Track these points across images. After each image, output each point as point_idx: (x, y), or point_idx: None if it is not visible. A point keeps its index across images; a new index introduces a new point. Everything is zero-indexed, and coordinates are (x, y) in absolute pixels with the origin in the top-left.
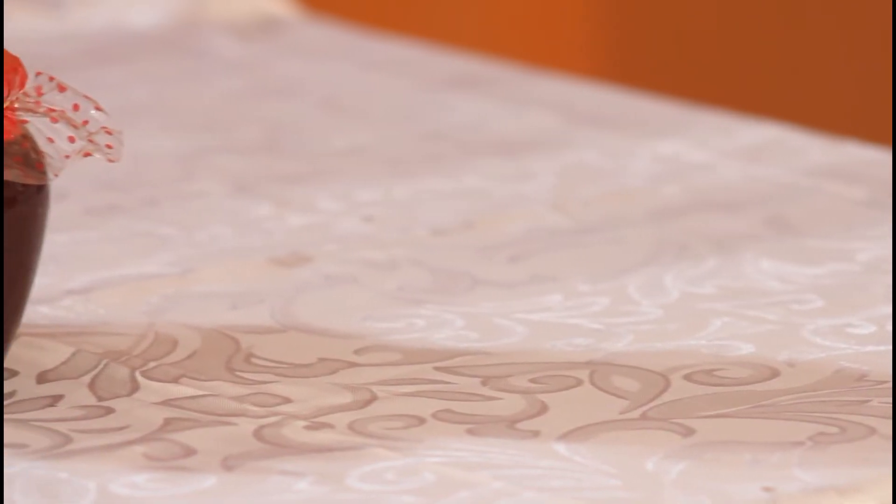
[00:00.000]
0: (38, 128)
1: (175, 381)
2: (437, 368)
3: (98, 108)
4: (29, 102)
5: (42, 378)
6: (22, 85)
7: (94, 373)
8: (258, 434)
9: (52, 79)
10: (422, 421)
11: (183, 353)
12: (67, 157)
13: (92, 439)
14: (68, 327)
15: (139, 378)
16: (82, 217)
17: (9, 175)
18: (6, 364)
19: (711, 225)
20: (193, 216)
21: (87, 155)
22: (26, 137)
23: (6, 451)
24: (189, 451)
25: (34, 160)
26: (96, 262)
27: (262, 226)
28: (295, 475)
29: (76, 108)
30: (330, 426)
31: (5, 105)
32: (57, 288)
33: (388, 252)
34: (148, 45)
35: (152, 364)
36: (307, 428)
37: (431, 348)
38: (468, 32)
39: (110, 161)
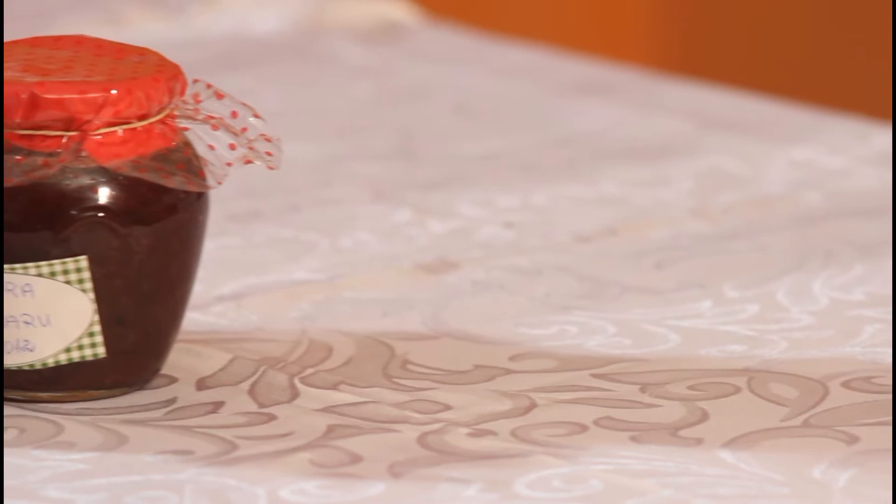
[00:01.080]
0: (199, 135)
1: (334, 387)
2: (593, 375)
3: (256, 115)
4: (188, 110)
5: (202, 384)
6: (182, 92)
7: (252, 379)
8: (422, 441)
9: (209, 86)
10: (584, 428)
11: (339, 359)
12: (229, 164)
13: (257, 446)
14: (222, 333)
15: (298, 385)
16: (225, 223)
17: (172, 182)
18: (165, 370)
19: (854, 231)
20: (335, 222)
21: (248, 162)
22: (187, 145)
23: (173, 458)
24: (355, 458)
25: (196, 167)
26: (244, 269)
27: (403, 232)
28: (463, 482)
29: (234, 115)
30: (493, 433)
31: (167, 112)
32: (207, 294)
33: (533, 258)
34: (271, 50)
35: (310, 371)
36: (470, 435)
37: (586, 355)
38: (535, 22)
39: (270, 168)
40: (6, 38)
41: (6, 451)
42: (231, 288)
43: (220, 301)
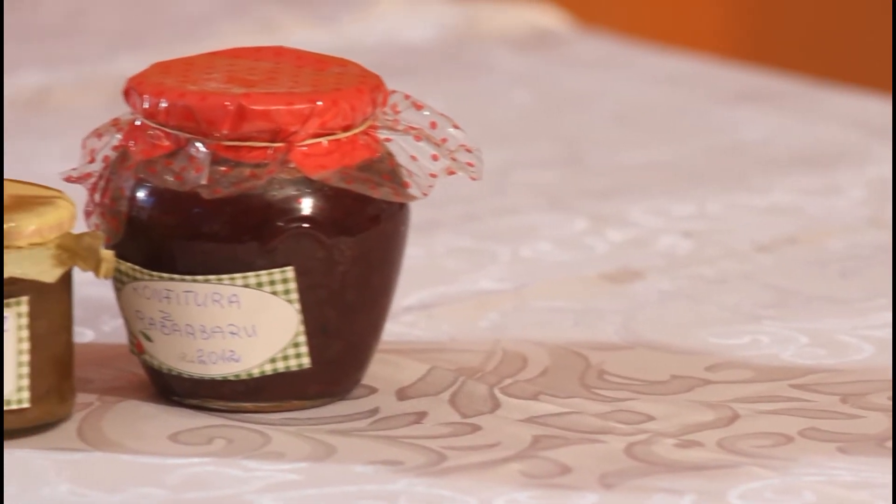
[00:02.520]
0: (401, 146)
1: (534, 397)
2: (792, 386)
3: (455, 126)
4: (388, 120)
5: (402, 395)
6: (385, 103)
7: (452, 389)
8: (629, 452)
9: (407, 97)
10: (789, 439)
11: (535, 370)
12: (433, 175)
13: (465, 456)
14: (416, 343)
15: (498, 395)
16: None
17: (379, 193)
18: (364, 380)
19: None
20: (513, 231)
21: (452, 173)
22: (390, 156)
23: (383, 468)
24: (565, 469)
25: (401, 178)
26: (429, 278)
27: (582, 241)
28: (676, 493)
29: (433, 125)
30: (699, 444)
31: (370, 123)
32: (395, 304)
33: (716, 267)
34: (425, 59)
35: (508, 381)
36: (677, 446)
37: (782, 365)
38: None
39: (472, 179)
40: (166, 48)
41: (215, 460)
42: (418, 298)
43: (409, 311)
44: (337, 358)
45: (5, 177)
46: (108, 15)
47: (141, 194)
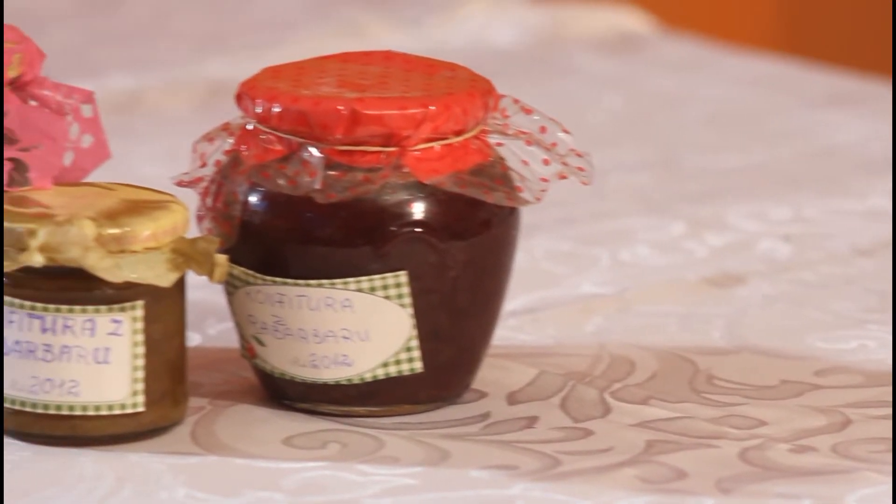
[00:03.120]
0: (512, 150)
1: (644, 402)
2: None
3: (565, 131)
4: (498, 125)
5: (512, 399)
6: (495, 107)
7: (562, 394)
8: (743, 457)
9: (516, 101)
10: None
11: (643, 374)
12: (544, 180)
13: (580, 461)
14: (523, 348)
15: (609, 399)
16: None
17: (492, 198)
18: (474, 385)
19: None
20: (611, 235)
21: (563, 178)
22: (502, 160)
23: (499, 473)
24: (680, 474)
25: (513, 183)
26: (531, 282)
27: (681, 245)
28: (793, 498)
29: (543, 130)
30: (813, 449)
31: (481, 128)
32: None
33: (817, 272)
34: (511, 61)
35: (617, 385)
36: (791, 451)
37: (890, 370)
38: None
39: (583, 184)
40: (252, 51)
41: (330, 464)
42: (522, 302)
43: (514, 315)
44: (448, 362)
45: (118, 181)
46: (191, 17)
47: (254, 199)
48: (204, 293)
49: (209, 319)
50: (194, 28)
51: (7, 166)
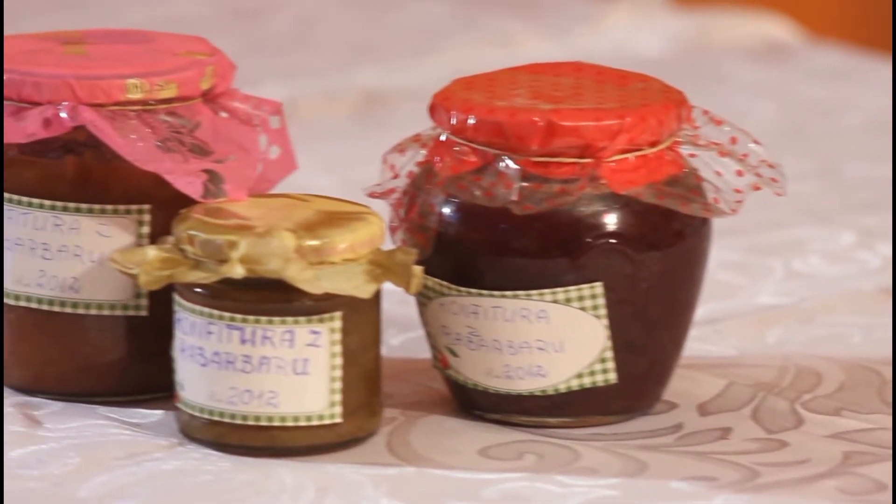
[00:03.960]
0: (705, 161)
1: (836, 413)
2: None
3: (755, 142)
4: (690, 136)
5: (703, 410)
6: (688, 118)
7: (753, 405)
8: None
9: (706, 112)
10: None
11: (831, 385)
12: (738, 191)
13: (778, 473)
14: (708, 359)
15: (800, 410)
16: None
17: (689, 209)
18: (664, 396)
19: None
20: (781, 245)
21: (757, 189)
22: (695, 171)
23: (699, 484)
24: (881, 486)
25: (707, 194)
26: (707, 292)
27: (853, 255)
28: None
29: (734, 140)
30: None
31: (674, 139)
32: None
33: None
34: (659, 70)
35: (806, 396)
36: None
37: None
38: None
39: (777, 195)
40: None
41: (528, 475)
42: (702, 312)
43: (695, 325)
44: (641, 374)
45: (305, 193)
46: (337, 26)
47: (448, 210)
48: (384, 304)
49: (391, 330)
50: (342, 37)
51: (202, 177)
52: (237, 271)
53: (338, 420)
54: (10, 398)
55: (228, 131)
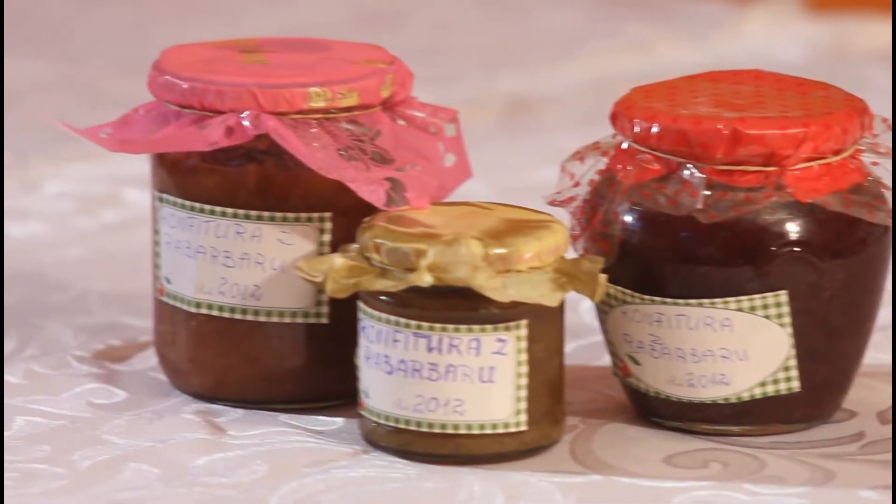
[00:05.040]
0: (887, 169)
1: None
2: None
3: None
4: (870, 143)
5: (884, 418)
6: (870, 126)
7: None
8: None
9: (884, 120)
10: None
11: None
12: None
13: None
14: (882, 367)
15: None
16: None
17: (876, 217)
18: (844, 405)
19: None
20: None
21: None
22: (879, 179)
23: (887, 493)
24: None
25: (890, 202)
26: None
27: None
28: None
29: None
30: None
31: (856, 147)
32: None
33: None
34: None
35: None
36: None
37: None
38: None
39: None
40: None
41: (714, 484)
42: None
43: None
44: (823, 382)
45: (486, 201)
46: (475, 33)
47: (631, 218)
48: None
49: None
50: (479, 43)
51: (384, 185)
52: (425, 280)
53: (523, 428)
54: (191, 405)
55: (409, 139)
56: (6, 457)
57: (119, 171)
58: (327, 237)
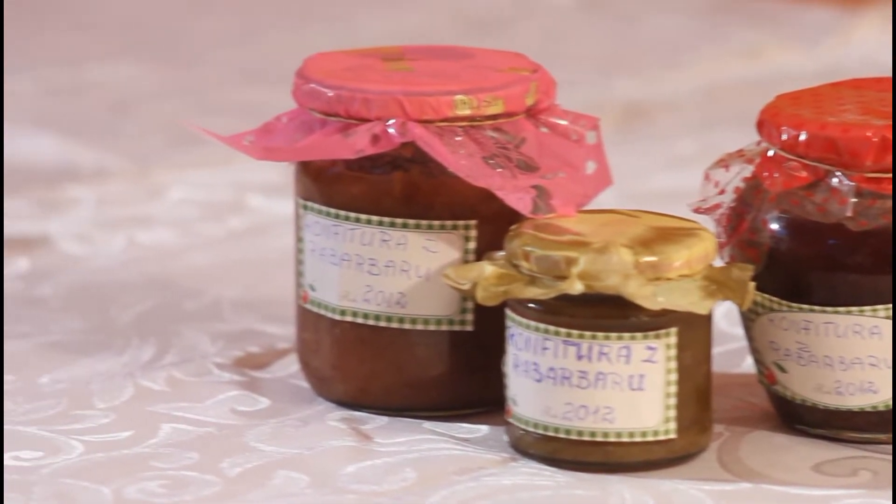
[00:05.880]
0: None
1: None
2: None
3: None
4: None
5: None
6: None
7: None
8: None
9: None
10: None
11: None
12: None
13: None
14: None
15: None
16: None
17: None
18: None
19: None
20: None
21: None
22: None
23: None
24: None
25: None
26: None
27: None
28: None
29: None
30: None
31: None
32: None
33: None
34: None
35: None
36: None
37: None
38: None
39: None
40: (655, 73)
41: (864, 492)
42: None
43: None
44: None
45: (632, 209)
46: (584, 38)
47: (779, 226)
48: None
49: None
50: (589, 49)
51: (531, 193)
52: (576, 287)
53: (672, 436)
54: (335, 412)
55: (553, 147)
56: (155, 464)
57: (242, 178)
58: (472, 245)
